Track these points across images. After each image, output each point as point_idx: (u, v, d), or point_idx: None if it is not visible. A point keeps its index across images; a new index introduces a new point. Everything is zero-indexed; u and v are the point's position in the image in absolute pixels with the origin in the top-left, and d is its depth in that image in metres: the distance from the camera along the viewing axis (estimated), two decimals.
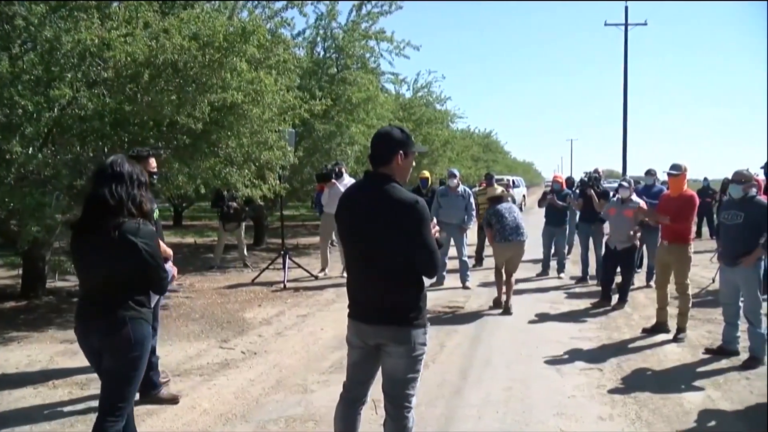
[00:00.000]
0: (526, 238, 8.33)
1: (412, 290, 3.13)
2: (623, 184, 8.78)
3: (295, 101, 8.84)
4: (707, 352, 6.32)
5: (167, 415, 4.69)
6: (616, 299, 8.57)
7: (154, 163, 4.94)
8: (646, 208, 8.13)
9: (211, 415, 4.73)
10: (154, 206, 4.51)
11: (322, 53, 13.34)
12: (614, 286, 8.71)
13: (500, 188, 9.34)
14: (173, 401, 4.90)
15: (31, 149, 6.33)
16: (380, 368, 3.28)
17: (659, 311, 7.19)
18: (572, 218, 11.72)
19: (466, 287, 9.88)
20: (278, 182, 9.45)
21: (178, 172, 7.68)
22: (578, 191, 11.07)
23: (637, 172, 17.71)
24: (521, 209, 20.49)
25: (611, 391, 5.26)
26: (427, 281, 3.21)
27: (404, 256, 3.04)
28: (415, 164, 3.43)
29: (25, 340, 6.66)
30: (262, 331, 7.26)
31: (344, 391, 3.42)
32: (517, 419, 4.65)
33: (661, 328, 7.10)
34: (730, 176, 6.22)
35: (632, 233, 8.34)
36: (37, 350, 6.29)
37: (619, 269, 8.60)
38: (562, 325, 7.60)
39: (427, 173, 12.05)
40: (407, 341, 3.10)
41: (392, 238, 3.02)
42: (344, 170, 10.98)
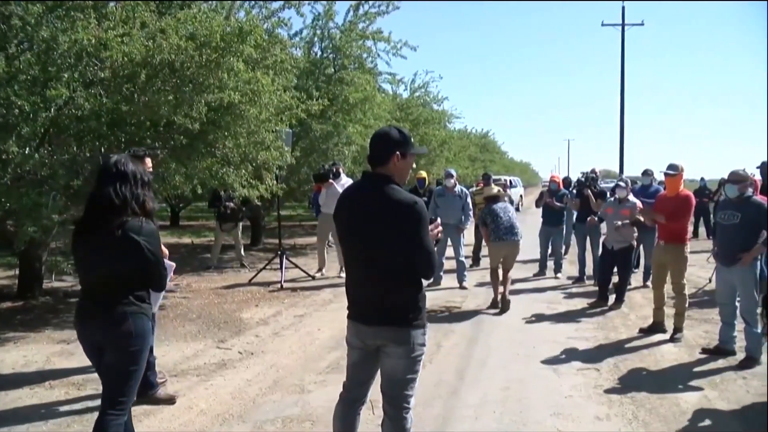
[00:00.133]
0: (520, 237, 8.39)
1: (411, 291, 3.13)
2: (620, 184, 8.81)
3: (292, 101, 8.84)
4: (704, 351, 6.33)
5: (164, 415, 4.69)
6: (613, 299, 8.58)
7: (150, 163, 4.93)
8: (641, 207, 8.15)
9: (208, 415, 4.73)
10: (156, 205, 4.53)
11: (319, 53, 13.34)
12: (611, 286, 8.73)
13: (496, 188, 9.38)
14: (170, 401, 4.90)
15: (27, 149, 6.32)
16: (379, 369, 3.28)
17: (656, 311, 7.20)
18: (569, 218, 11.74)
19: (463, 287, 9.89)
20: (275, 182, 9.44)
21: (175, 172, 7.66)
22: (575, 191, 11.09)
23: (634, 172, 17.75)
24: (518, 209, 20.54)
25: (608, 391, 5.26)
26: (424, 281, 3.21)
27: (404, 256, 3.04)
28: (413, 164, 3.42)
29: (21, 340, 6.65)
30: (259, 331, 7.26)
31: (344, 391, 3.41)
32: (514, 419, 4.66)
33: (658, 328, 7.11)
34: (726, 176, 6.23)
35: (621, 224, 8.35)
36: (33, 350, 6.28)
37: (616, 269, 8.63)
38: (559, 325, 7.61)
39: (424, 173, 12.05)
40: (406, 342, 3.09)
41: (392, 238, 3.02)
42: (341, 170, 10.99)
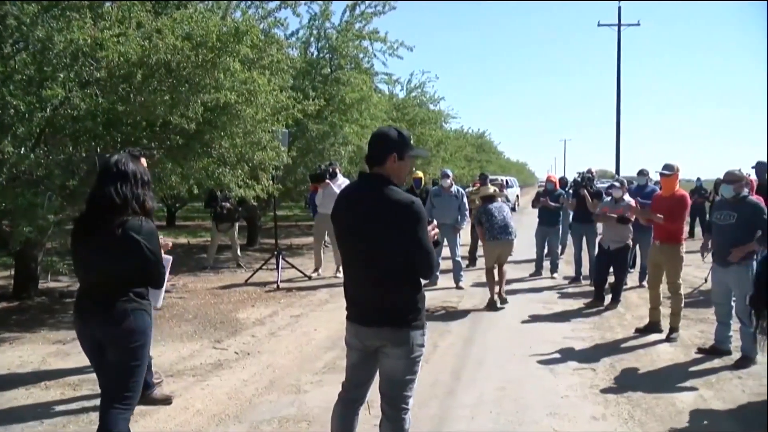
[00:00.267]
0: (514, 236, 8.53)
1: (410, 291, 3.12)
2: (615, 184, 8.84)
3: (288, 101, 8.84)
4: (700, 351, 6.34)
5: (160, 415, 4.68)
6: (609, 299, 8.60)
7: (145, 163, 4.93)
8: (635, 207, 8.17)
9: (204, 415, 4.72)
10: (155, 205, 4.53)
11: (315, 53, 13.33)
12: (607, 286, 8.74)
13: (492, 188, 9.45)
14: (166, 402, 4.89)
15: (23, 149, 6.30)
16: (378, 369, 3.27)
17: (652, 311, 7.21)
18: (565, 218, 11.75)
19: (459, 287, 9.89)
20: (271, 182, 9.45)
21: (171, 172, 7.66)
22: (572, 191, 11.10)
23: (630, 172, 17.74)
24: (514, 209, 20.57)
25: (604, 390, 5.27)
26: (422, 281, 3.21)
27: (402, 256, 3.03)
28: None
29: (17, 341, 6.63)
30: (255, 331, 7.25)
31: (343, 391, 3.41)
32: (510, 419, 4.66)
33: (653, 327, 7.12)
34: (722, 176, 6.25)
35: (609, 213, 8.42)
36: (29, 351, 6.27)
37: (612, 269, 8.64)
38: (555, 325, 7.62)
39: (420, 173, 12.05)
40: (406, 343, 3.08)
41: (391, 238, 3.01)
42: (338, 170, 10.99)
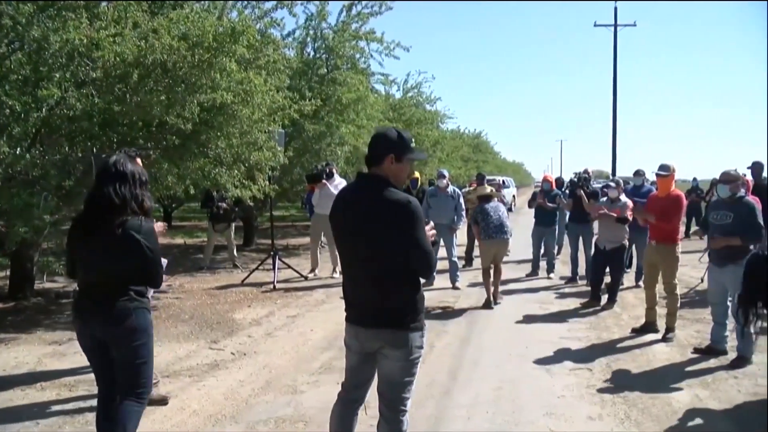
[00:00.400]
0: (510, 235, 8.65)
1: (410, 291, 3.11)
2: (610, 184, 8.87)
3: (284, 102, 8.82)
4: (696, 351, 6.35)
5: (156, 416, 4.67)
6: (605, 299, 8.61)
7: (140, 163, 4.93)
8: (632, 206, 8.20)
9: (200, 416, 4.72)
10: (153, 204, 4.54)
11: (312, 54, 13.31)
12: (604, 286, 8.76)
13: (489, 187, 9.50)
14: (162, 402, 4.88)
15: (18, 149, 6.29)
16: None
17: (648, 311, 7.22)
18: (562, 219, 11.76)
19: (455, 287, 9.89)
20: (268, 183, 9.43)
21: (167, 172, 7.64)
22: (568, 192, 11.11)
23: (626, 172, 17.82)
24: (511, 210, 20.60)
25: (601, 390, 5.28)
26: (421, 280, 3.21)
27: (401, 256, 3.02)
28: None
29: (12, 341, 6.61)
30: (251, 331, 7.24)
31: (342, 391, 3.40)
32: (506, 419, 4.66)
33: (650, 327, 7.13)
34: (718, 176, 6.26)
35: (601, 211, 8.47)
36: (24, 352, 6.25)
37: (608, 269, 8.66)
38: (551, 325, 7.62)
39: (417, 174, 12.05)
40: (404, 345, 3.07)
41: (391, 238, 3.00)
42: (335, 171, 10.98)
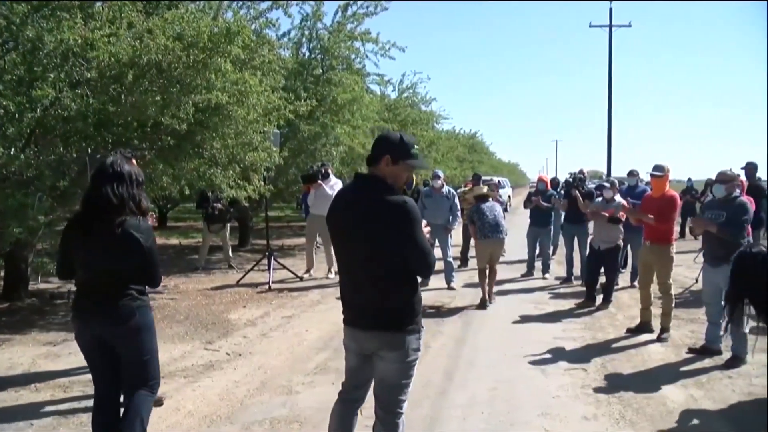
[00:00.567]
0: (505, 235, 8.71)
1: (408, 293, 3.11)
2: (605, 184, 8.90)
3: (280, 102, 8.83)
4: (690, 351, 6.36)
5: (151, 417, 4.60)
6: (600, 299, 8.63)
7: (135, 164, 4.93)
8: (627, 207, 8.22)
9: (195, 416, 4.71)
10: (149, 204, 4.55)
11: (307, 54, 13.31)
12: (599, 286, 8.77)
13: (485, 187, 9.55)
14: (158, 403, 4.85)
15: (13, 150, 6.27)
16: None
17: (643, 311, 7.24)
18: (557, 219, 11.78)
19: (451, 288, 9.89)
20: (263, 183, 9.43)
21: (162, 173, 7.64)
22: (563, 192, 11.12)
23: (621, 173, 17.83)
24: (506, 210, 20.62)
25: (596, 390, 5.28)
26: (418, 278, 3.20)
27: (398, 257, 3.02)
28: None
29: (6, 342, 6.58)
30: (246, 332, 7.23)
31: (343, 391, 3.40)
32: (502, 419, 4.67)
33: (645, 327, 7.15)
34: (713, 176, 6.28)
35: (599, 211, 8.52)
36: (19, 353, 6.23)
37: (603, 269, 8.67)
38: (546, 325, 7.63)
39: (412, 174, 12.04)
40: (401, 347, 3.07)
41: (389, 239, 2.99)
42: (330, 171, 10.98)
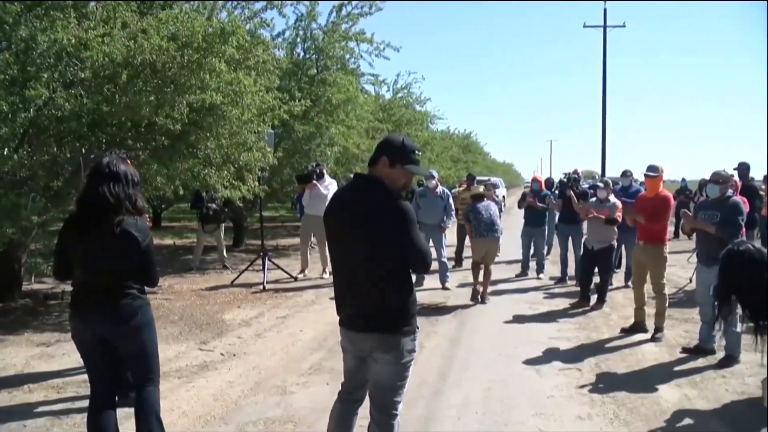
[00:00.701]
0: (500, 234, 8.84)
1: (405, 294, 3.11)
2: (598, 184, 8.93)
3: (274, 102, 8.81)
4: (684, 351, 6.38)
5: None
6: (594, 299, 8.65)
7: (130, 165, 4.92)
8: (620, 206, 8.26)
9: (189, 417, 4.70)
10: (145, 204, 4.55)
11: (301, 54, 13.31)
12: (593, 286, 8.79)
13: (482, 187, 9.66)
14: None
15: (6, 150, 6.25)
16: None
17: (637, 311, 7.25)
18: (551, 219, 11.79)
19: (445, 288, 9.89)
20: (257, 183, 9.42)
21: (156, 173, 7.61)
22: (557, 192, 11.14)
23: (616, 173, 17.89)
24: (501, 210, 20.68)
25: (590, 390, 5.30)
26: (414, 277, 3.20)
27: (393, 257, 3.03)
28: None
29: (0, 343, 6.57)
30: (241, 332, 7.23)
31: (343, 392, 3.41)
32: (496, 419, 4.67)
33: (639, 327, 7.16)
34: (707, 177, 6.30)
35: (590, 215, 8.57)
36: (12, 354, 6.20)
37: (597, 269, 8.69)
38: (541, 325, 7.64)
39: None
40: (395, 348, 3.06)
41: (387, 239, 3.00)
42: (325, 171, 10.97)
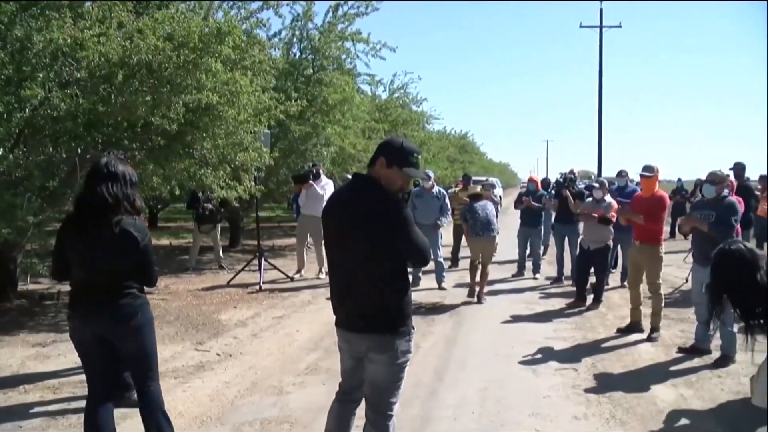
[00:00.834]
0: (496, 233, 8.88)
1: (396, 295, 3.10)
2: (594, 185, 8.95)
3: (270, 102, 8.81)
4: (680, 351, 6.40)
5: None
6: (590, 299, 8.66)
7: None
8: (616, 207, 8.27)
9: (186, 417, 4.69)
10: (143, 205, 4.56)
11: (298, 54, 13.30)
12: (589, 286, 8.80)
13: (479, 186, 9.73)
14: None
15: (1, 150, 6.24)
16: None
17: (633, 311, 7.26)
18: (548, 219, 11.81)
19: (441, 288, 9.89)
20: (253, 183, 9.41)
21: (152, 173, 7.60)
22: (554, 192, 11.15)
23: (612, 173, 17.95)
24: (497, 210, 20.73)
25: (586, 390, 5.30)
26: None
27: (390, 257, 3.04)
28: None
29: None
30: (237, 333, 7.22)
31: (341, 392, 3.41)
32: (492, 420, 4.68)
33: (635, 327, 7.18)
34: (703, 177, 6.32)
35: (585, 212, 8.63)
36: (7, 354, 6.19)
37: (593, 269, 8.70)
38: (537, 325, 7.65)
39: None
40: (390, 349, 3.06)
41: (385, 238, 2.99)
42: (321, 171, 10.97)
